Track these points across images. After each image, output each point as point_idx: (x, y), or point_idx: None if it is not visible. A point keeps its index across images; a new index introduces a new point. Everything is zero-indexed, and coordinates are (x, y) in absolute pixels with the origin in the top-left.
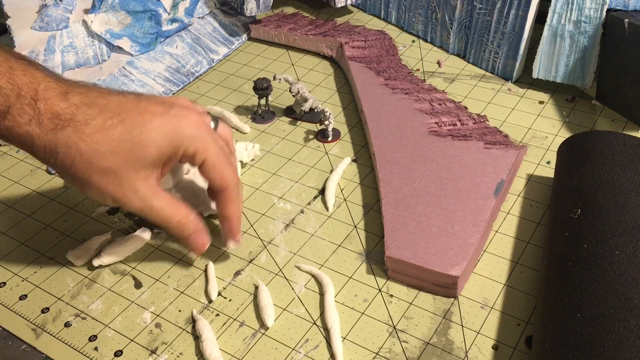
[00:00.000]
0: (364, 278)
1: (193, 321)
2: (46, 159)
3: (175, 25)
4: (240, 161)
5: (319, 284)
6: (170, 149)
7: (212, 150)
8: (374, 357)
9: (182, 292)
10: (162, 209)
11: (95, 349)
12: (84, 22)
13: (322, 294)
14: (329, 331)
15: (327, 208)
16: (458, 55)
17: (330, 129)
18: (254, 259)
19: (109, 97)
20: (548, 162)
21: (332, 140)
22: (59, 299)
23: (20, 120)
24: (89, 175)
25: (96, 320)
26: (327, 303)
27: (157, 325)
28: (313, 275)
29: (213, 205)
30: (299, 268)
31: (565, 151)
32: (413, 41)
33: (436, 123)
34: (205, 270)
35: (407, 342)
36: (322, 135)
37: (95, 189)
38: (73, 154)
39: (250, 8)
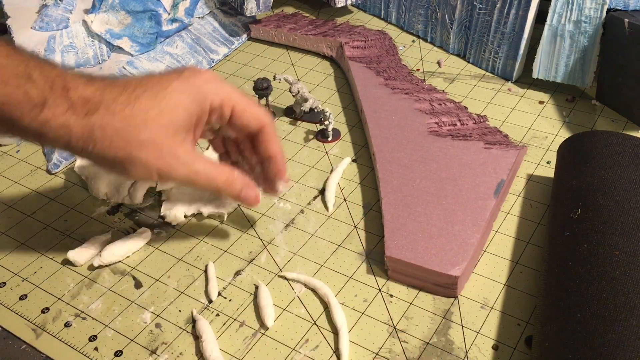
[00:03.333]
0: (364, 278)
1: (193, 321)
2: (85, 148)
3: (175, 25)
4: None
5: (312, 290)
6: (197, 107)
7: (237, 96)
8: (374, 357)
9: (182, 292)
10: (206, 171)
11: (95, 349)
12: (84, 22)
13: (320, 297)
14: (338, 332)
15: (327, 208)
16: (458, 55)
17: (330, 129)
18: (254, 259)
19: (127, 78)
20: (548, 162)
21: (332, 140)
22: (59, 299)
23: (57, 111)
24: (130, 151)
25: (96, 320)
26: (332, 305)
27: (157, 325)
28: (304, 283)
29: (213, 205)
30: (284, 277)
31: (565, 151)
32: (413, 41)
33: (436, 123)
34: (205, 270)
35: (407, 342)
36: (322, 135)
37: (139, 164)
38: (110, 134)
39: (250, 8)
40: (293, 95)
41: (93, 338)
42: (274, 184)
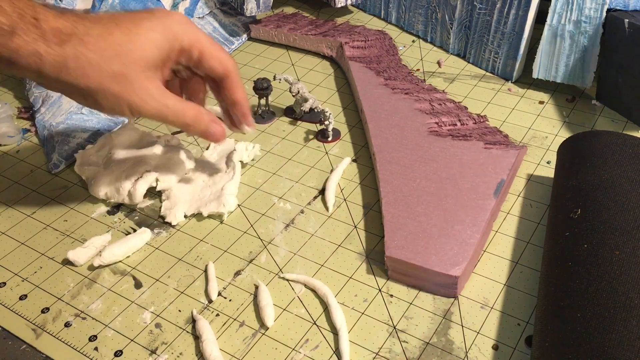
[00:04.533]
0: (364, 278)
1: (193, 321)
2: (56, 76)
3: None
4: (241, 161)
5: (312, 290)
6: (167, 45)
7: (204, 39)
8: (374, 357)
9: (182, 292)
10: (176, 106)
11: (95, 349)
12: None
13: (320, 297)
14: (338, 332)
15: (327, 208)
16: (458, 55)
17: (330, 129)
18: (254, 259)
19: (96, 14)
20: (548, 162)
21: (332, 140)
22: (59, 299)
23: (27, 39)
24: (101, 81)
25: (96, 320)
26: (332, 305)
27: (157, 325)
28: (304, 284)
29: (213, 205)
30: (284, 278)
31: (565, 151)
32: (413, 41)
33: (436, 123)
34: (205, 270)
35: (407, 342)
36: (322, 135)
37: (110, 95)
38: (82, 64)
39: (250, 8)
40: (293, 95)
41: (93, 338)
42: (241, 127)
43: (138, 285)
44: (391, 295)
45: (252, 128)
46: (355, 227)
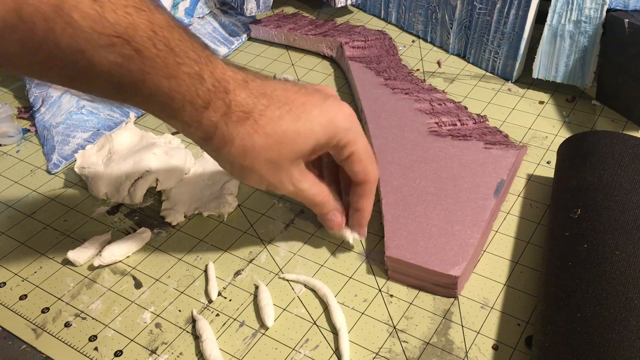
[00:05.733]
0: (364, 278)
1: (193, 321)
2: (218, 147)
3: None
4: None
5: (312, 289)
6: (325, 140)
7: (361, 143)
8: (374, 357)
9: (182, 292)
10: (309, 189)
11: (95, 349)
12: None
13: (320, 297)
14: (338, 332)
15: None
16: (458, 55)
17: None
18: (254, 259)
19: (273, 84)
20: (548, 162)
21: None
22: (59, 299)
23: (215, 115)
24: (254, 164)
25: (96, 320)
26: (332, 305)
27: (157, 325)
28: (304, 284)
29: (213, 205)
30: (284, 278)
31: (565, 151)
32: (413, 41)
33: (436, 123)
34: (205, 270)
35: (407, 342)
36: None
37: (256, 177)
38: (247, 145)
39: (250, 8)
40: None
41: (93, 338)
42: (351, 233)
43: (138, 285)
44: (391, 295)
45: (361, 238)
46: None
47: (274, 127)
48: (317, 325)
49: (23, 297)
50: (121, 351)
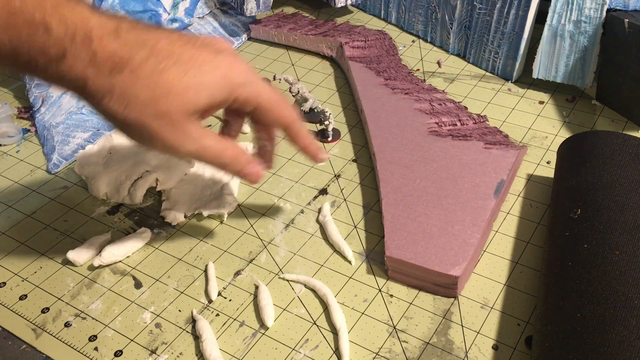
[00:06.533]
0: (364, 278)
1: (193, 321)
2: (99, 101)
3: (175, 25)
4: None
5: (312, 289)
6: (220, 96)
7: (265, 94)
8: (374, 357)
9: (182, 292)
10: (214, 147)
11: (95, 349)
12: None
13: (320, 297)
14: (338, 332)
15: (349, 261)
16: (458, 55)
17: (330, 129)
18: (254, 259)
19: (157, 35)
20: (548, 162)
21: (332, 140)
22: (59, 299)
23: (77, 65)
24: (143, 119)
25: (96, 320)
26: (332, 305)
27: (157, 325)
28: (304, 284)
29: (213, 205)
30: (284, 278)
31: (565, 151)
32: (413, 41)
33: (436, 123)
34: (205, 270)
35: (407, 342)
36: (322, 135)
37: (148, 133)
38: (128, 97)
39: (250, 8)
40: (293, 95)
41: (93, 338)
42: (317, 160)
43: (138, 285)
44: (391, 295)
45: (327, 157)
46: (355, 227)
47: (157, 79)
48: (317, 325)
49: (23, 297)
50: (121, 351)
